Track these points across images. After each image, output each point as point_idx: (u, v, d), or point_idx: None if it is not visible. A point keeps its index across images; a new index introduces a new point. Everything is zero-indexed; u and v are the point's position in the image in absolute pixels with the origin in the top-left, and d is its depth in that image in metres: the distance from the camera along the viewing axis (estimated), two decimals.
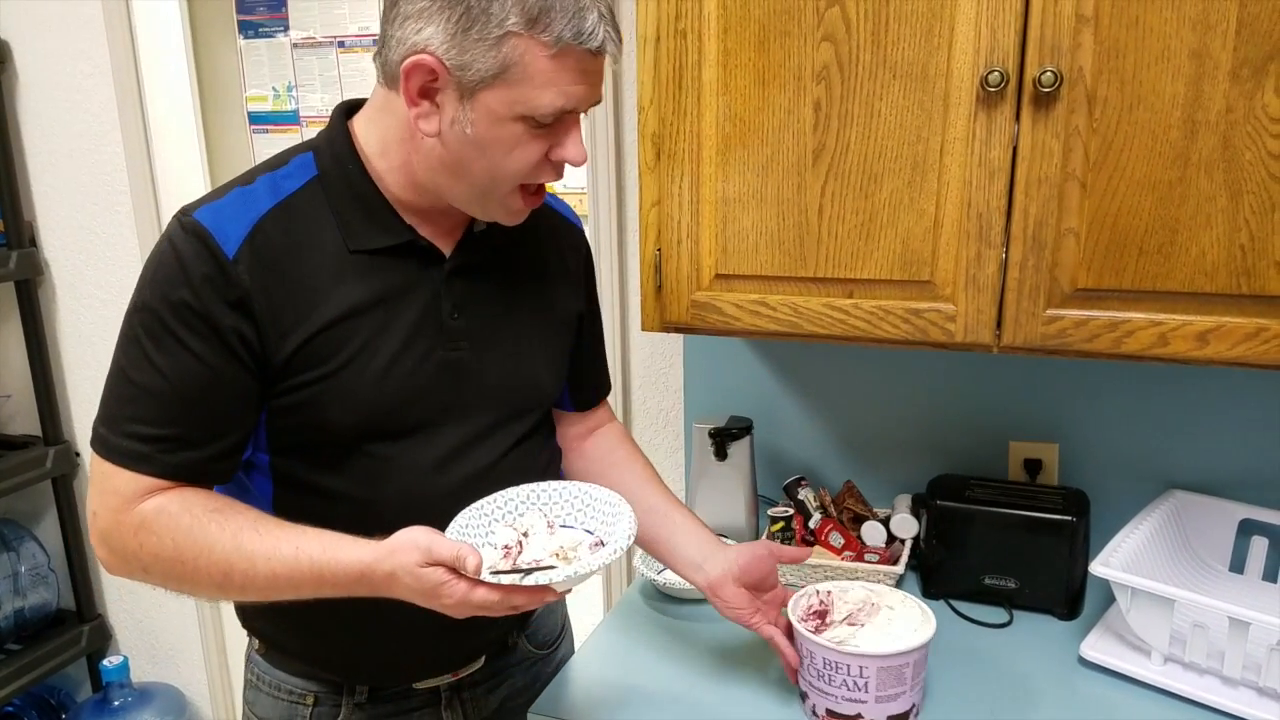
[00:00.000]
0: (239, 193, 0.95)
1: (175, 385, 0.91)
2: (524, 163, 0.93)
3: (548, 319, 1.13)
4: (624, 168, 1.73)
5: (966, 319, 1.20)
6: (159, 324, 0.91)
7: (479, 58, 0.87)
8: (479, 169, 0.93)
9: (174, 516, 0.91)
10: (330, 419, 0.96)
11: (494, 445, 1.07)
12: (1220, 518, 1.41)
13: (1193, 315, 1.12)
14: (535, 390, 1.12)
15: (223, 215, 0.92)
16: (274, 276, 0.93)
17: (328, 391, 0.96)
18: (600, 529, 0.99)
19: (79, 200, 2.22)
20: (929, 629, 1.10)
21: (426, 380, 1.01)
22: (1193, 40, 1.05)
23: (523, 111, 0.89)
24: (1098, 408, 1.49)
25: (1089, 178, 1.11)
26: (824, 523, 1.50)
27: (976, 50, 1.12)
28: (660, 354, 1.78)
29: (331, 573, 0.90)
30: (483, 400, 1.06)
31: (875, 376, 1.61)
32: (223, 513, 0.92)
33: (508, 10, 0.85)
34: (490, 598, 0.87)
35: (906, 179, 1.19)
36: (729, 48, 1.22)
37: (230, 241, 0.91)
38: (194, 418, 0.93)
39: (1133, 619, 1.19)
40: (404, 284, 0.99)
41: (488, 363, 1.05)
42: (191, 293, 0.90)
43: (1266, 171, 1.05)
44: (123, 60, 2.06)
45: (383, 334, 0.98)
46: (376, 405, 0.98)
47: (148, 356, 0.91)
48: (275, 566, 0.90)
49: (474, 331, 1.04)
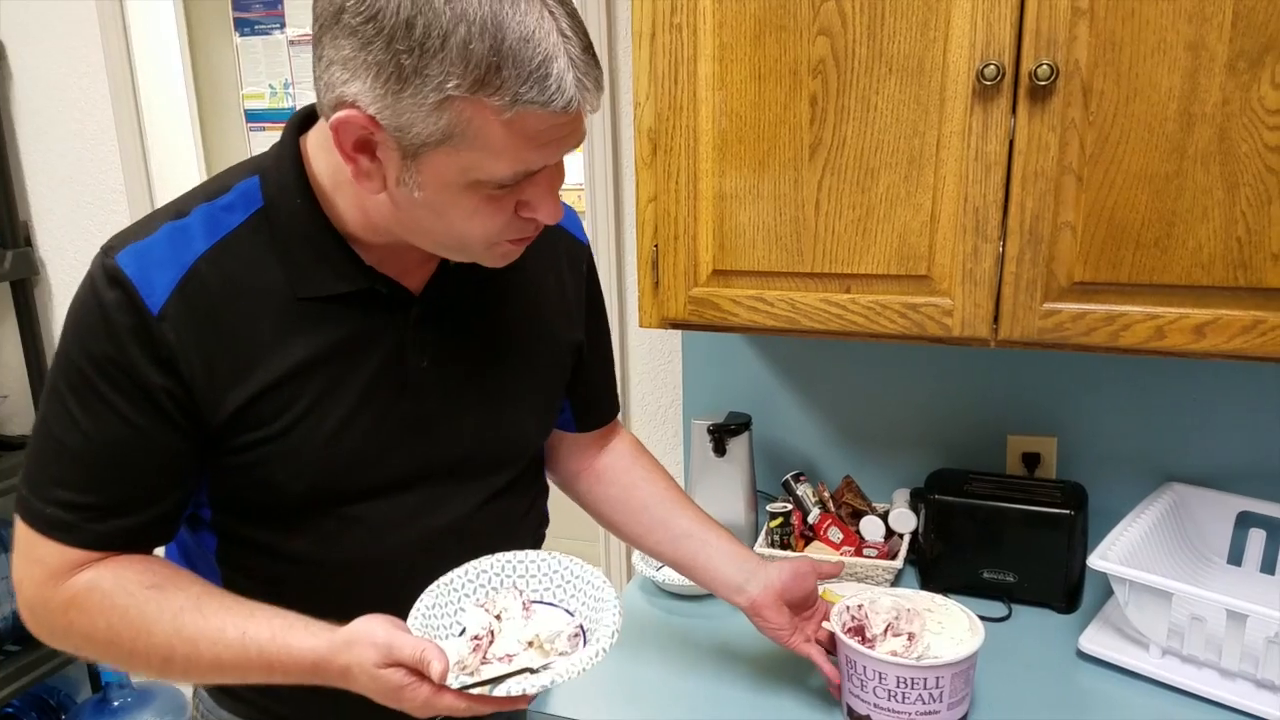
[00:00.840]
0: (170, 230, 0.82)
1: (100, 448, 0.81)
2: (489, 228, 0.80)
3: (539, 360, 1.01)
4: (621, 163, 1.73)
5: (964, 313, 1.20)
6: (81, 379, 0.80)
7: (417, 121, 0.72)
8: (440, 232, 0.81)
9: (107, 595, 0.82)
10: (276, 484, 0.86)
11: (465, 499, 0.97)
12: (1218, 510, 1.41)
13: (1190, 308, 1.12)
14: (518, 443, 1.02)
15: (149, 259, 0.80)
16: (209, 331, 0.81)
17: (274, 455, 0.85)
18: (582, 610, 0.90)
19: (74, 199, 2.21)
20: (979, 625, 1.10)
21: (387, 440, 0.90)
22: (1189, 32, 1.05)
23: (477, 178, 0.76)
24: (1095, 401, 1.49)
25: (1085, 171, 1.11)
26: (823, 518, 1.50)
27: (972, 44, 1.12)
28: (658, 350, 1.78)
29: (281, 663, 0.81)
30: (454, 459, 0.95)
31: (873, 371, 1.61)
32: (162, 589, 0.83)
33: (447, 70, 0.70)
34: (457, 704, 0.78)
35: (903, 173, 1.19)
36: (724, 42, 1.22)
37: (156, 293, 0.79)
38: (123, 484, 0.82)
39: (1131, 612, 1.19)
40: (362, 334, 0.87)
41: (463, 418, 0.94)
42: (115, 347, 0.79)
43: (1263, 164, 1.05)
44: (117, 58, 2.05)
45: (336, 391, 0.86)
46: (328, 470, 0.87)
47: (70, 414, 0.80)
48: (220, 652, 0.81)
49: (448, 383, 0.92)
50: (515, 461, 1.02)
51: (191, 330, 0.80)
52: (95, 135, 2.14)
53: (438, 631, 0.86)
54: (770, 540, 1.50)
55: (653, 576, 1.44)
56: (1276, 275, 1.07)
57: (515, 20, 0.69)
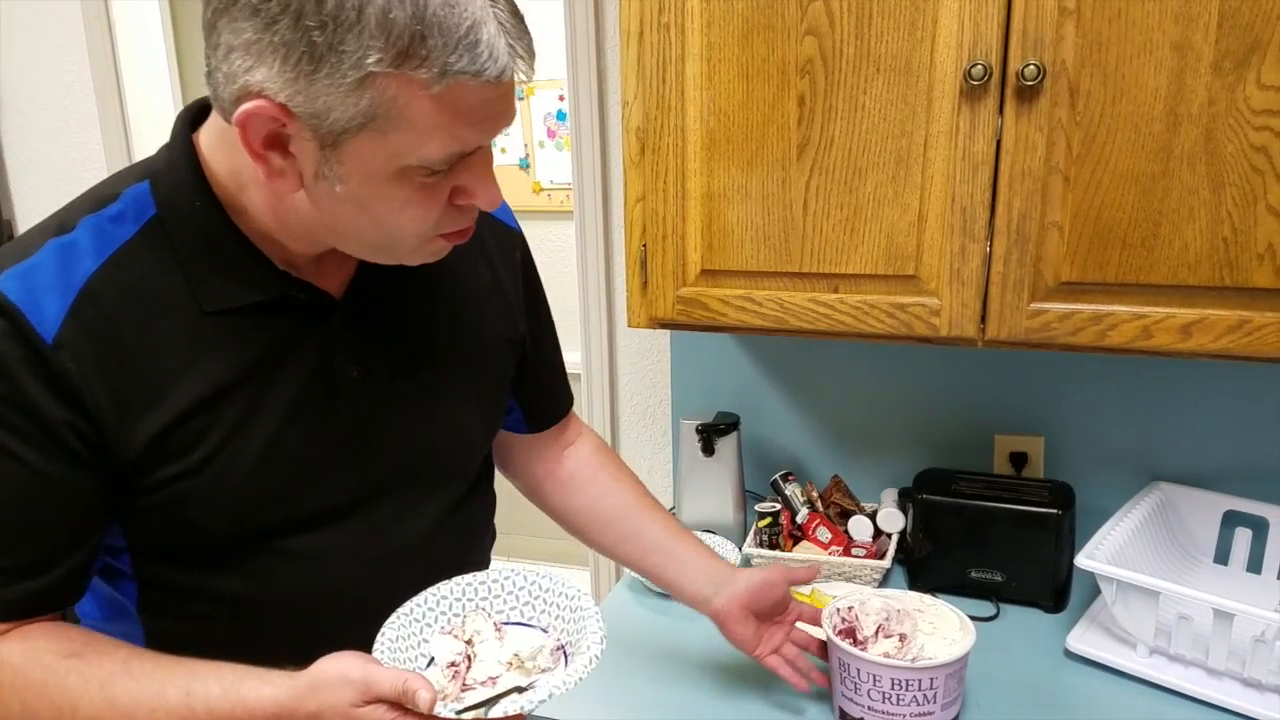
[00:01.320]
0: (56, 248, 0.73)
1: (1, 502, 0.72)
2: (423, 220, 0.73)
3: (475, 357, 0.94)
4: (609, 163, 1.72)
5: (951, 313, 1.20)
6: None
7: (335, 105, 0.65)
8: (367, 229, 0.74)
9: (19, 671, 0.72)
10: (199, 521, 0.78)
11: (416, 519, 0.90)
12: (1205, 509, 1.41)
13: (1176, 308, 1.12)
14: (465, 446, 0.95)
15: (36, 282, 0.71)
16: (110, 356, 0.73)
17: (194, 490, 0.76)
18: (555, 625, 0.85)
19: (58, 199, 2.15)
20: (970, 624, 1.10)
21: (321, 461, 0.82)
22: (1175, 33, 1.05)
23: (406, 164, 0.69)
24: (1083, 400, 1.49)
25: (1072, 171, 1.11)
26: (811, 517, 1.50)
27: (960, 43, 1.12)
28: (647, 350, 1.78)
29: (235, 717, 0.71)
30: (398, 471, 0.88)
31: (861, 371, 1.61)
32: (83, 657, 0.73)
33: (366, 44, 0.63)
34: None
35: (890, 173, 1.19)
36: (712, 41, 1.22)
37: (48, 320, 0.70)
38: (29, 541, 0.73)
39: (1118, 611, 1.19)
40: (282, 347, 0.79)
41: (400, 428, 0.87)
42: (7, 384, 0.70)
43: (1249, 164, 1.06)
44: (102, 59, 2.04)
45: (259, 412, 0.78)
46: (258, 499, 0.79)
47: None
48: (161, 719, 0.71)
49: (381, 392, 0.85)
50: (463, 471, 0.96)
51: (91, 357, 0.72)
52: (79, 135, 2.12)
53: (405, 665, 0.79)
54: (759, 540, 1.49)
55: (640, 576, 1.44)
56: (1262, 275, 1.08)
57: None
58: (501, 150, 3.35)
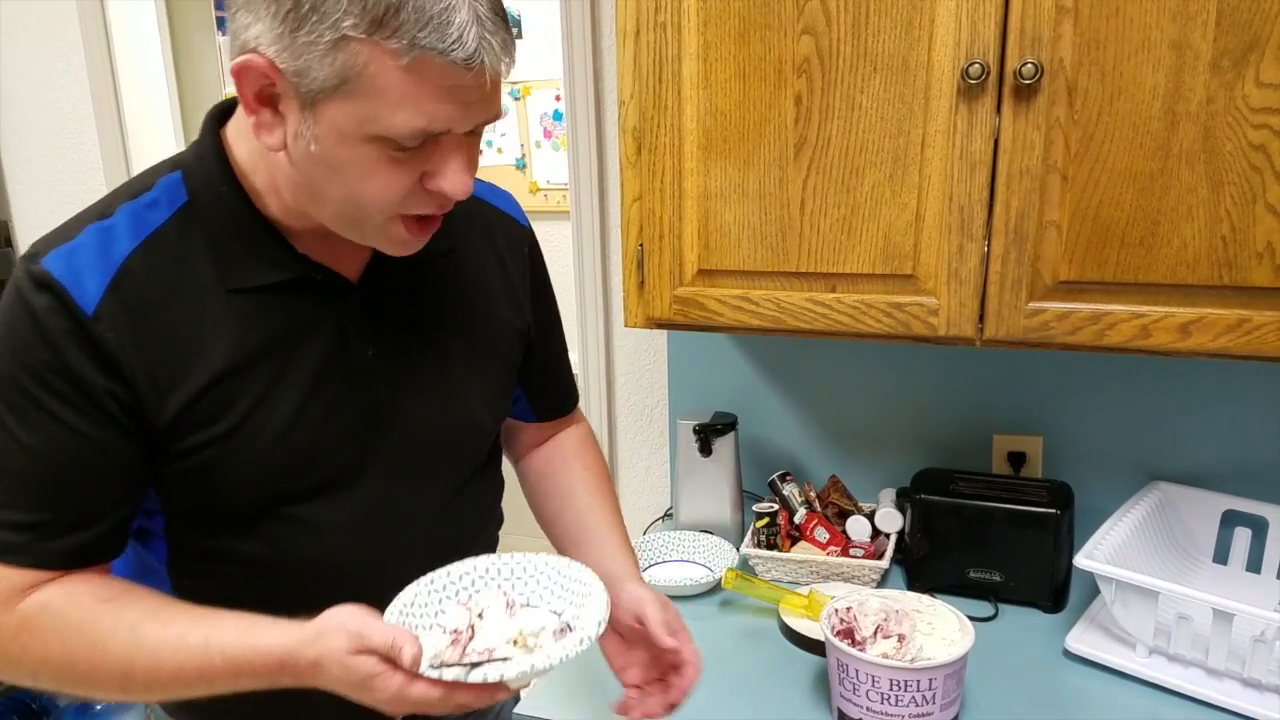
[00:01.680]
0: (95, 230, 0.80)
1: (47, 463, 0.78)
2: (389, 192, 0.76)
3: (484, 343, 0.99)
4: (606, 163, 1.72)
5: (949, 312, 1.20)
6: (20, 394, 0.77)
7: (313, 65, 0.70)
8: (335, 194, 0.77)
9: (59, 613, 0.78)
10: (228, 486, 0.84)
11: (428, 497, 0.95)
12: (1204, 509, 1.41)
13: (1175, 307, 1.12)
14: (471, 430, 0.99)
15: (77, 262, 0.78)
16: (145, 330, 0.79)
17: (222, 456, 0.82)
18: (569, 610, 0.86)
19: (55, 199, 2.19)
20: (968, 625, 1.10)
21: (339, 431, 0.87)
22: (1173, 31, 1.04)
23: (375, 132, 0.72)
24: (1081, 400, 1.49)
25: (1070, 170, 1.11)
26: (809, 518, 1.50)
27: (957, 42, 1.11)
28: (644, 350, 1.77)
29: (248, 663, 0.76)
30: (409, 447, 0.92)
31: (859, 371, 1.61)
32: (117, 601, 0.80)
33: (344, 9, 0.68)
34: (430, 694, 0.74)
35: (888, 172, 1.18)
36: (709, 41, 1.21)
37: (89, 296, 0.77)
38: (73, 497, 0.80)
39: (1117, 611, 1.19)
40: (303, 325, 0.85)
41: (414, 405, 0.92)
42: (52, 353, 0.76)
43: (1247, 162, 1.05)
44: (98, 58, 2.04)
45: (280, 384, 0.84)
46: (281, 466, 0.85)
47: (11, 433, 0.77)
48: (182, 660, 0.77)
49: (395, 371, 0.90)
50: (472, 453, 1.00)
51: (128, 330, 0.78)
52: (76, 135, 2.12)
53: (414, 627, 0.82)
54: (757, 541, 1.49)
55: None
56: (1261, 274, 1.07)
57: None
58: (498, 151, 3.34)
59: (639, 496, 1.87)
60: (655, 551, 1.54)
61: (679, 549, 1.55)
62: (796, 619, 1.30)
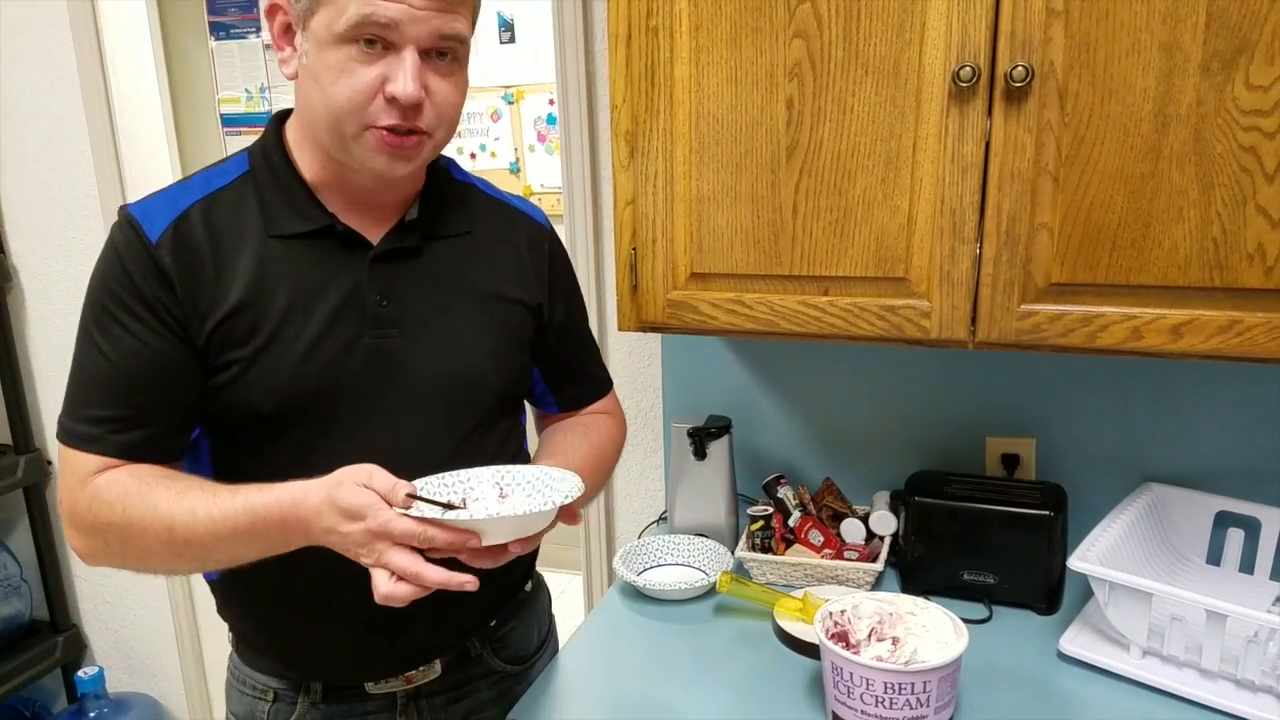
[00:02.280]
0: (174, 187, 1.01)
1: (120, 367, 0.95)
2: (352, 91, 0.92)
3: (490, 309, 1.10)
4: (599, 166, 1.72)
5: (941, 315, 1.20)
6: (103, 312, 0.96)
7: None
8: (319, 104, 0.94)
9: (124, 484, 0.94)
10: (252, 402, 0.98)
11: (435, 442, 1.05)
12: (1197, 510, 1.41)
13: (1166, 309, 1.12)
14: (476, 379, 1.09)
15: (152, 208, 0.98)
16: (193, 260, 0.96)
17: (248, 373, 0.98)
18: (555, 500, 0.96)
19: (47, 205, 2.18)
20: (962, 627, 1.09)
21: (354, 367, 1.01)
22: (1163, 34, 1.05)
23: (339, 30, 0.90)
24: (1074, 402, 1.49)
25: (1061, 172, 1.11)
26: (804, 520, 1.50)
27: (948, 45, 1.12)
28: (638, 353, 1.77)
29: (265, 508, 0.90)
30: (418, 391, 1.04)
31: (853, 373, 1.61)
32: (172, 478, 0.96)
33: None
34: (411, 528, 0.85)
35: (880, 175, 1.18)
36: (701, 45, 1.21)
37: (155, 229, 0.96)
38: (140, 397, 0.96)
39: (1111, 613, 1.19)
40: (325, 270, 1.01)
41: (421, 351, 1.04)
42: (125, 275, 0.95)
43: (1238, 164, 1.05)
44: (89, 64, 2.03)
45: (302, 318, 0.99)
46: (298, 389, 0.98)
47: (95, 344, 0.96)
48: (214, 513, 0.91)
49: (405, 319, 1.03)
50: (476, 403, 1.09)
51: (179, 258, 0.96)
52: (66, 140, 2.12)
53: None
54: (751, 544, 1.49)
55: (633, 581, 1.43)
56: (1252, 275, 1.08)
57: None
58: (492, 155, 3.34)
59: (634, 500, 1.87)
60: (650, 555, 1.54)
61: (674, 552, 1.55)
62: (791, 622, 1.30)
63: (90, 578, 2.44)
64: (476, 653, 1.19)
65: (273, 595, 1.07)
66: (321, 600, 1.06)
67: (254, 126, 3.37)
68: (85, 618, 2.47)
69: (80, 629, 2.47)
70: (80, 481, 0.95)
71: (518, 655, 1.25)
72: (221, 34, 3.29)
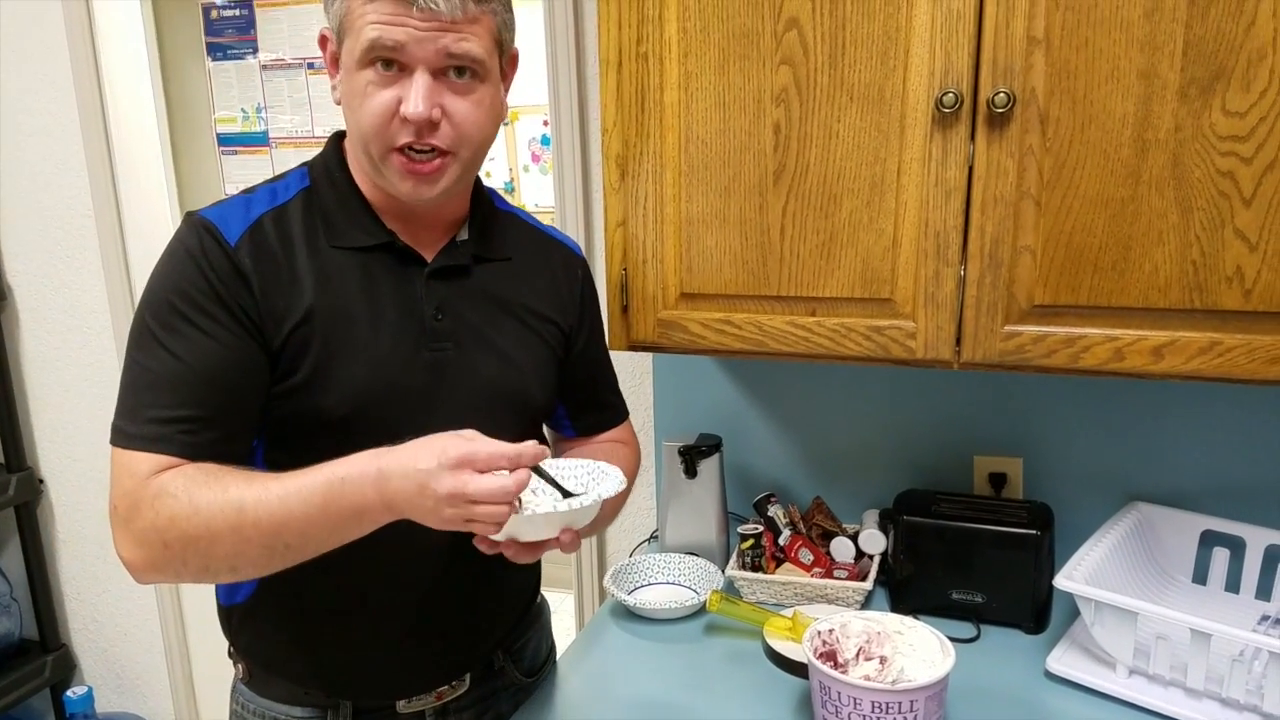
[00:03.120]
0: (241, 198, 1.04)
1: (193, 366, 0.94)
2: (374, 113, 0.96)
3: (532, 327, 1.15)
4: (590, 189, 1.74)
5: (926, 336, 1.22)
6: (173, 312, 0.95)
7: (333, 20, 0.98)
8: (353, 127, 1.00)
9: (190, 475, 0.92)
10: (322, 407, 0.99)
11: None
12: (1182, 529, 1.42)
13: (1147, 330, 1.14)
14: (522, 392, 1.13)
15: (226, 215, 1.00)
16: (269, 265, 0.99)
17: (318, 378, 0.99)
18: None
19: (42, 224, 2.20)
20: (949, 646, 1.10)
21: (416, 376, 1.04)
22: (1141, 61, 1.07)
23: (357, 54, 0.95)
24: (1060, 421, 1.51)
25: (1043, 196, 1.13)
26: (794, 539, 1.50)
27: (931, 72, 1.14)
28: (630, 372, 1.78)
29: (345, 468, 0.89)
30: (472, 400, 1.07)
31: (842, 393, 1.62)
32: (239, 470, 0.94)
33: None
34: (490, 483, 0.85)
35: (865, 199, 1.20)
36: (690, 71, 1.24)
37: (232, 234, 0.98)
38: (213, 397, 0.95)
39: (1097, 632, 1.20)
40: (386, 282, 1.04)
41: (474, 363, 1.08)
42: (202, 276, 0.96)
43: (1215, 188, 1.07)
44: (86, 83, 2.05)
45: (373, 327, 1.02)
46: (367, 395, 1.01)
47: (163, 345, 0.95)
48: (288, 486, 0.89)
49: (458, 333, 1.07)
50: (522, 416, 1.14)
51: (256, 262, 0.98)
52: (63, 161, 2.13)
53: None
54: (742, 562, 1.50)
55: (624, 600, 1.44)
56: (1231, 297, 1.10)
57: None
58: (486, 174, 3.36)
59: (625, 518, 1.88)
60: (641, 574, 1.55)
61: (665, 572, 1.55)
62: (780, 641, 1.30)
63: (81, 597, 2.44)
64: (500, 665, 1.22)
65: (311, 608, 1.08)
66: (362, 612, 1.08)
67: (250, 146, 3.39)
68: (75, 637, 2.47)
69: (70, 648, 2.46)
70: (142, 481, 0.92)
71: (532, 666, 1.28)
72: (219, 54, 3.32)
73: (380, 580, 1.07)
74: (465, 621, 1.14)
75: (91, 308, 2.21)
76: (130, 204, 2.15)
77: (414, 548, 1.03)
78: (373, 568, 1.03)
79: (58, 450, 2.35)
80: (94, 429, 2.29)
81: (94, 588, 2.42)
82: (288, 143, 3.35)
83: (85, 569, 2.41)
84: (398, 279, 1.05)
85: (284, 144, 3.36)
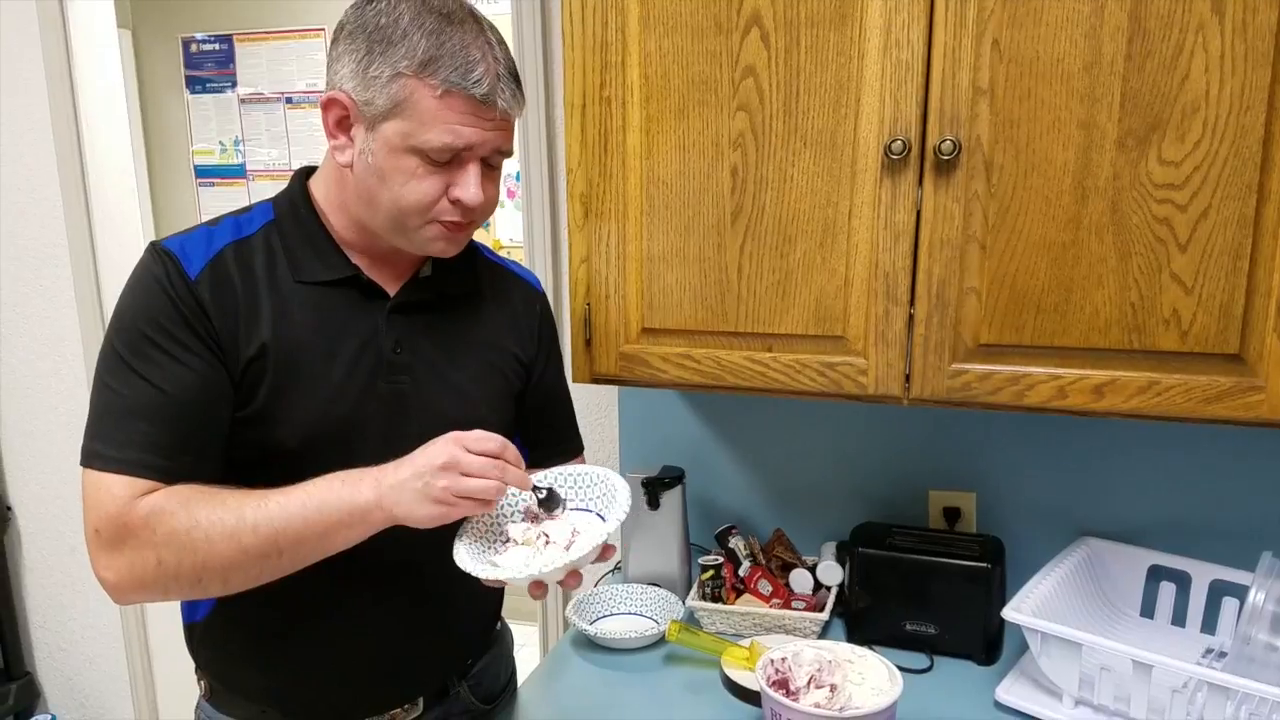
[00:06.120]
0: (204, 230, 1.05)
1: (168, 393, 0.96)
2: (421, 196, 1.00)
3: (490, 360, 1.17)
4: (558, 226, 1.77)
5: (877, 372, 1.25)
6: (144, 340, 0.97)
7: (377, 94, 0.97)
8: (384, 199, 1.01)
9: (182, 495, 0.95)
10: (279, 438, 1.01)
11: None
12: (1130, 564, 1.45)
13: (1089, 369, 1.18)
14: (478, 425, 1.10)
15: (188, 245, 1.02)
16: (228, 299, 1.00)
17: (271, 410, 1.01)
18: (598, 505, 1.10)
19: (15, 253, 2.21)
20: (898, 675, 1.12)
21: (371, 409, 1.06)
22: (1081, 112, 1.12)
23: (414, 144, 0.97)
24: (1013, 458, 1.54)
25: (988, 239, 1.18)
26: (753, 570, 1.53)
27: (881, 120, 1.18)
28: (595, 405, 1.81)
29: (342, 472, 0.96)
30: (428, 433, 1.05)
31: (802, 428, 1.65)
32: (231, 487, 0.98)
33: (401, 55, 0.96)
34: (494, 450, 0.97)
35: (818, 240, 1.24)
36: (651, 115, 1.28)
37: (193, 266, 1.00)
38: (188, 423, 0.98)
39: (1043, 662, 1.23)
40: (347, 316, 1.06)
41: (431, 397, 1.10)
42: (170, 304, 0.98)
43: (1153, 234, 1.12)
44: (63, 115, 2.07)
45: (328, 361, 1.04)
46: (320, 427, 1.03)
47: (136, 371, 0.96)
48: (284, 492, 0.95)
49: (416, 367, 1.09)
50: None
51: (217, 295, 1.00)
52: (37, 191, 2.15)
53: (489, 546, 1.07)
54: (702, 593, 1.52)
55: (585, 630, 1.45)
56: (1168, 339, 1.14)
57: (458, 36, 0.97)
58: None
59: None
60: (604, 605, 1.56)
61: (627, 602, 1.57)
62: (737, 670, 1.32)
63: (46, 625, 2.42)
64: (455, 690, 1.22)
65: (265, 628, 1.09)
66: (319, 631, 1.09)
67: (227, 178, 3.42)
68: (40, 665, 2.44)
69: (34, 676, 2.44)
70: (126, 504, 0.94)
71: (490, 693, 1.28)
72: (197, 87, 3.35)
73: (331, 604, 1.08)
74: (417, 647, 1.15)
75: (63, 337, 2.22)
76: (104, 234, 2.16)
77: (366, 574, 1.06)
78: (324, 591, 1.05)
79: (27, 478, 2.34)
80: (63, 457, 2.29)
81: (59, 615, 2.40)
82: (265, 175, 3.38)
83: (51, 597, 2.40)
84: (360, 313, 1.07)
85: (261, 176, 3.38)
